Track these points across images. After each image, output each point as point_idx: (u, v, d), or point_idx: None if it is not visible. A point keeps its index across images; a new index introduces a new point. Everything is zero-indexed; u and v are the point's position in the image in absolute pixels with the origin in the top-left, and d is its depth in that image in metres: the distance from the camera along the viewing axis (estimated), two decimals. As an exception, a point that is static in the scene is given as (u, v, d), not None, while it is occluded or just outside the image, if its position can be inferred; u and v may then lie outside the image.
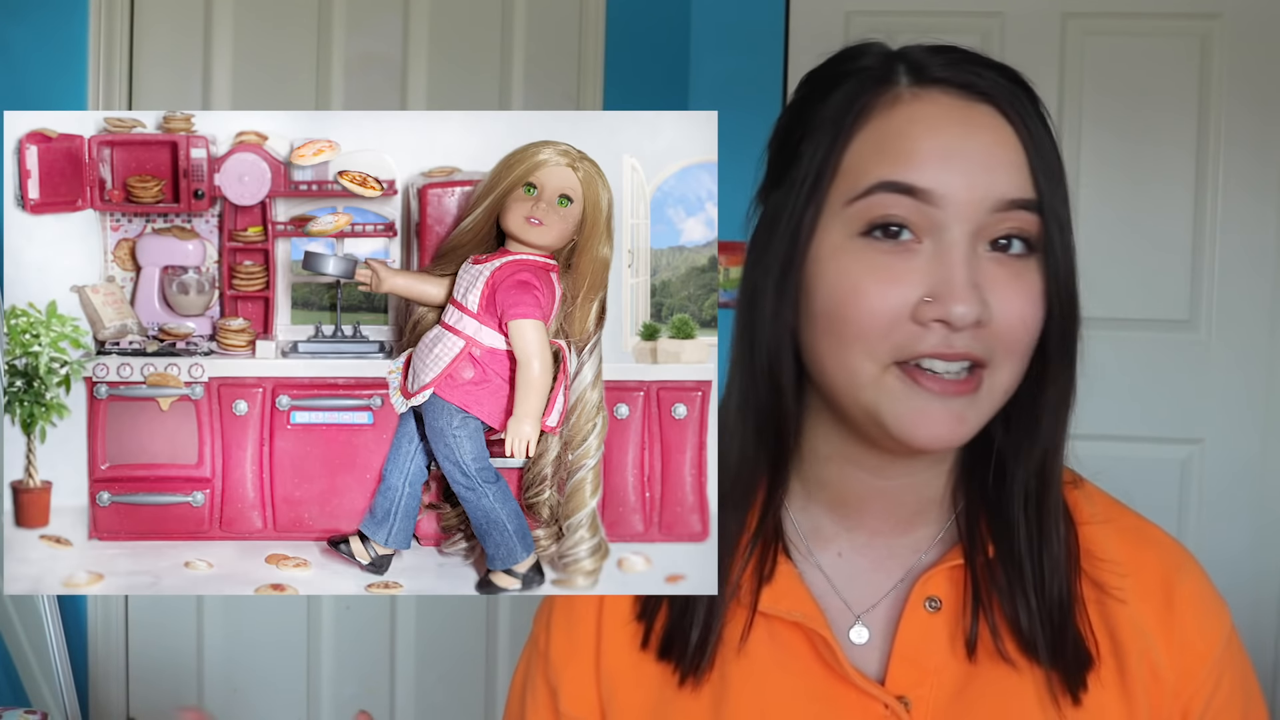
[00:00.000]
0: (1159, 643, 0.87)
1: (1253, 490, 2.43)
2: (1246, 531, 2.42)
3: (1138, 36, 2.41)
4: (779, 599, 0.89)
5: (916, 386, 0.81)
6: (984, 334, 0.81)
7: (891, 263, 0.81)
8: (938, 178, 0.80)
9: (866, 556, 0.91)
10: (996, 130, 0.82)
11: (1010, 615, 0.86)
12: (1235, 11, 2.39)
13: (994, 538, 0.88)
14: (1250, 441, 2.43)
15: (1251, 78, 2.39)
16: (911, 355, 0.81)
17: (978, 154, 0.81)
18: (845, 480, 0.90)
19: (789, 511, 0.92)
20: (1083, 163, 2.42)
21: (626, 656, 0.92)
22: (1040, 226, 0.82)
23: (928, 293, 0.80)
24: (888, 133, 0.83)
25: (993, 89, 0.83)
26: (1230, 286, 2.42)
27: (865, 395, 0.83)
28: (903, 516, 0.91)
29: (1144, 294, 2.43)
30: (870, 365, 0.82)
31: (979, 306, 0.80)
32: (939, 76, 0.83)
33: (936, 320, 0.80)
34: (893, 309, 0.81)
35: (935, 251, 0.81)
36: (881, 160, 0.82)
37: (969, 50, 0.85)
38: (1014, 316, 0.81)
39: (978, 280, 0.80)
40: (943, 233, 0.81)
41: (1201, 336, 2.43)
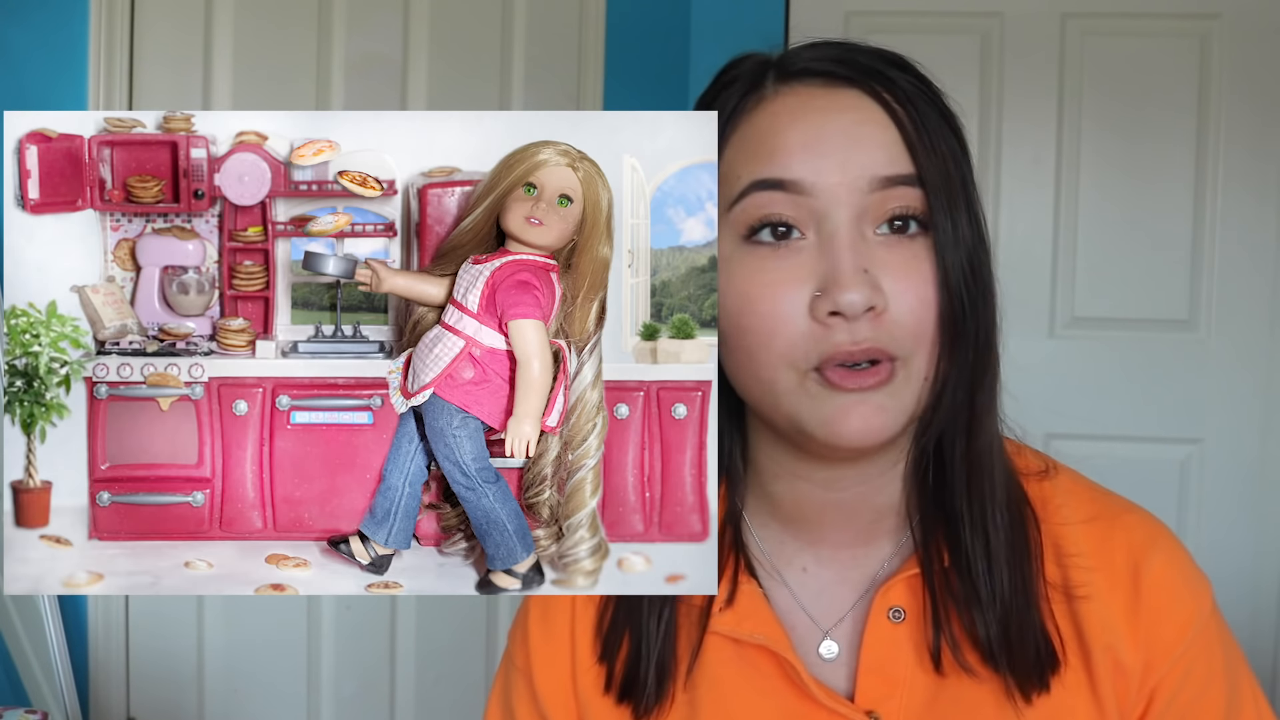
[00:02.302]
0: (1124, 634, 0.85)
1: (1253, 490, 2.43)
2: (1246, 531, 2.42)
3: (1138, 36, 2.41)
4: (742, 621, 0.88)
5: (832, 388, 0.79)
6: (884, 322, 0.78)
7: (778, 265, 0.79)
8: (805, 166, 0.79)
9: (831, 570, 0.90)
10: (862, 110, 0.80)
11: (967, 624, 0.84)
12: (1235, 11, 2.39)
13: (948, 543, 0.86)
14: (1250, 441, 2.43)
15: (1251, 78, 2.39)
16: (822, 358, 0.79)
17: (843, 136, 0.79)
18: (796, 495, 0.88)
19: (752, 530, 0.91)
20: (1083, 163, 2.42)
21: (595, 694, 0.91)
22: (924, 202, 0.79)
23: (817, 287, 0.78)
24: (753, 132, 0.82)
25: (857, 72, 0.81)
26: (1230, 286, 2.42)
27: (785, 404, 0.81)
28: (860, 527, 0.89)
29: (1144, 294, 2.43)
30: (787, 373, 0.80)
31: (868, 291, 0.77)
32: (800, 69, 0.82)
33: (832, 313, 0.78)
34: (787, 312, 0.79)
35: (819, 243, 0.79)
36: (750, 160, 0.81)
37: (843, 40, 0.84)
38: (912, 300, 0.79)
39: (866, 265, 0.78)
40: (824, 222, 0.79)
41: (1201, 336, 2.43)
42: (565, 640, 0.93)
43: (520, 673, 0.96)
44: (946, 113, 0.83)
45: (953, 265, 0.79)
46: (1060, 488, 0.90)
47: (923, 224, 0.79)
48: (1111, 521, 0.89)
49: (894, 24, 2.34)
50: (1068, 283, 2.43)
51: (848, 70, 0.81)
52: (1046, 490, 0.90)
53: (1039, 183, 2.42)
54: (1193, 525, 2.43)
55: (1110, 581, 0.86)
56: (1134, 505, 0.91)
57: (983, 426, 0.85)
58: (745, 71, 0.85)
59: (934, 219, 0.79)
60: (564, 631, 0.94)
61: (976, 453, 0.85)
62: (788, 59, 0.84)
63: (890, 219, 0.79)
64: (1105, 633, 0.86)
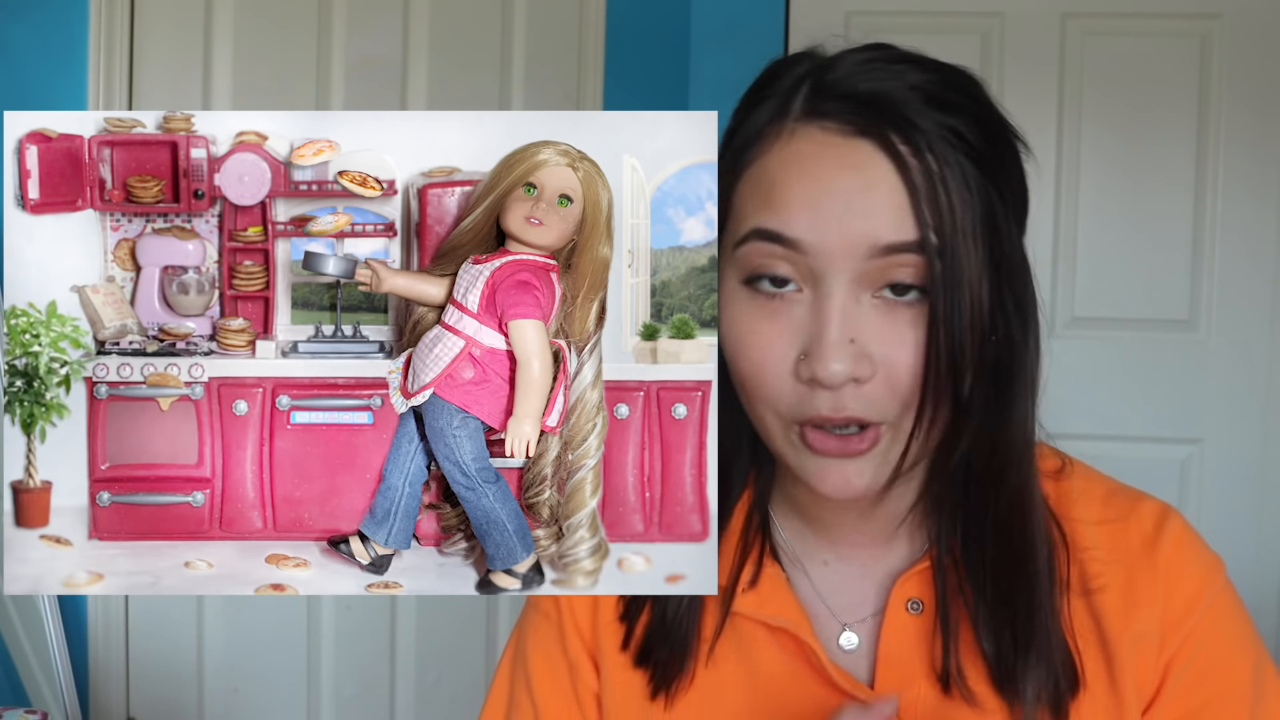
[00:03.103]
0: (1143, 605, 0.86)
1: (1253, 490, 2.43)
2: (1246, 531, 2.42)
3: (1138, 36, 2.41)
4: (764, 603, 0.88)
5: (809, 450, 0.79)
6: (869, 391, 0.77)
7: (771, 316, 0.79)
8: (806, 225, 0.77)
9: (852, 566, 0.91)
10: (871, 168, 0.76)
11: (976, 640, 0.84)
12: (1235, 11, 2.39)
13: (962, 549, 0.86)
14: (1250, 441, 2.43)
15: (1251, 78, 2.39)
16: (804, 418, 0.78)
17: (847, 198, 0.76)
18: (812, 497, 0.88)
19: (776, 523, 0.92)
20: (1083, 163, 2.42)
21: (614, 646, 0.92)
22: (927, 267, 0.76)
23: (803, 349, 0.78)
24: (765, 175, 0.80)
25: (878, 121, 0.77)
26: (1230, 286, 2.41)
27: (776, 445, 0.82)
28: (878, 530, 0.90)
29: (1144, 294, 2.43)
30: (774, 421, 0.81)
31: (852, 363, 0.76)
32: (824, 109, 0.79)
33: (811, 379, 0.77)
34: (774, 365, 0.79)
35: (813, 303, 0.78)
36: (757, 204, 0.79)
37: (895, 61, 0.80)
38: (900, 369, 0.77)
39: (855, 334, 0.77)
40: (819, 282, 0.77)
41: (1201, 336, 2.43)
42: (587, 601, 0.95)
43: (545, 617, 0.96)
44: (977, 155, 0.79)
45: (952, 329, 0.77)
46: (1075, 487, 0.91)
47: (923, 289, 0.77)
48: (1126, 517, 0.90)
49: (894, 24, 2.34)
50: (1068, 283, 2.43)
51: (864, 120, 0.77)
52: (1063, 488, 0.90)
53: (1039, 183, 2.42)
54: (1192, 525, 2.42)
55: (1127, 567, 0.87)
56: (1145, 494, 0.92)
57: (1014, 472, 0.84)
58: (780, 90, 0.81)
59: (934, 284, 0.76)
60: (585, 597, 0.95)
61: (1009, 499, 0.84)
62: (824, 84, 0.80)
63: (889, 285, 0.77)
64: (1124, 614, 0.86)
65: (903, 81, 0.79)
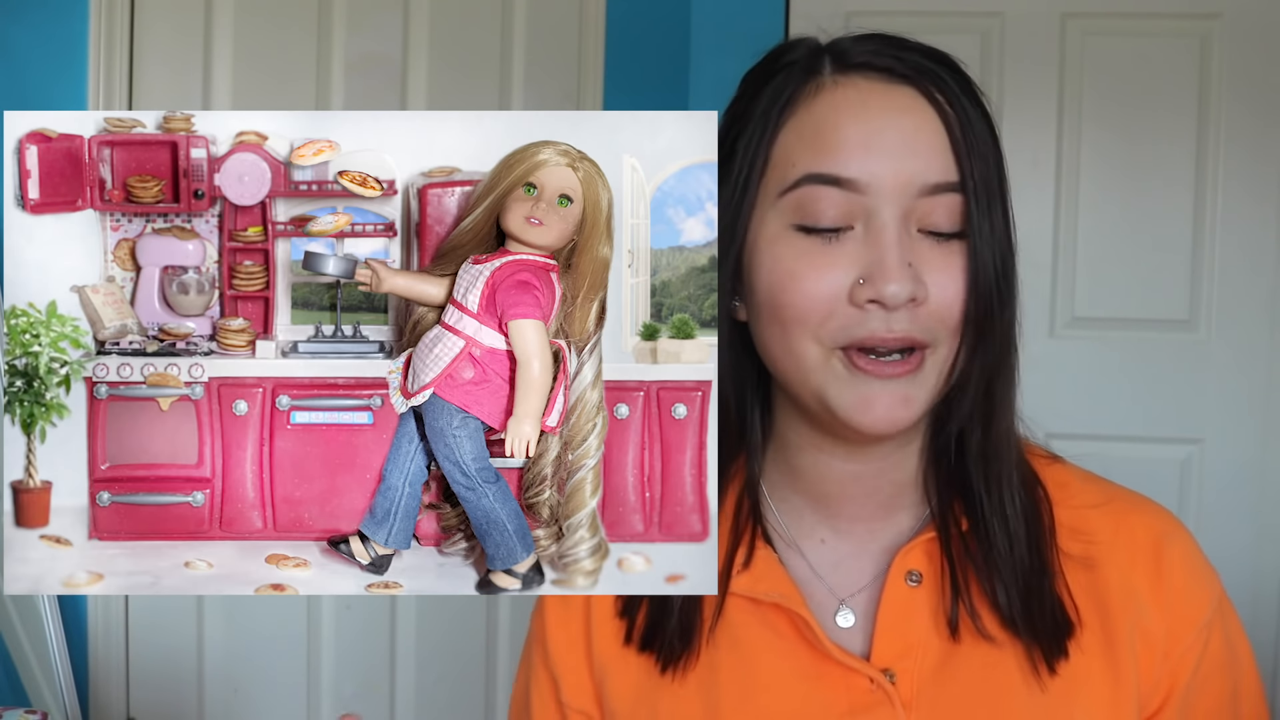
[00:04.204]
0: (1148, 601, 0.88)
1: (1253, 490, 2.43)
2: (1246, 531, 2.42)
3: (1138, 36, 2.41)
4: (758, 581, 0.90)
5: (859, 372, 0.83)
6: (921, 313, 0.82)
7: (825, 248, 0.83)
8: (862, 166, 0.82)
9: (849, 542, 0.92)
10: (918, 113, 0.83)
11: (988, 591, 0.87)
12: (1235, 11, 2.39)
13: (966, 513, 0.89)
14: (1250, 441, 2.43)
15: (1251, 78, 2.39)
16: (852, 341, 0.82)
17: (900, 139, 0.82)
18: (819, 468, 0.91)
19: (770, 502, 0.93)
20: (1083, 162, 2.42)
21: (613, 647, 0.93)
22: (964, 207, 0.83)
23: (861, 274, 0.82)
24: (811, 122, 0.84)
25: (914, 71, 0.84)
26: (1230, 286, 2.41)
27: (813, 380, 0.84)
28: (880, 501, 0.92)
29: (1144, 294, 2.43)
30: (815, 349, 0.83)
31: (912, 284, 0.81)
32: (860, 61, 0.85)
33: (872, 301, 0.81)
34: (829, 292, 0.82)
35: (866, 235, 0.82)
36: (807, 150, 0.83)
37: (895, 35, 0.87)
38: (949, 294, 0.83)
39: (911, 259, 0.82)
40: (872, 217, 0.82)
41: (1201, 336, 2.43)
42: (580, 603, 0.96)
43: (537, 642, 0.98)
44: (986, 114, 0.86)
45: (984, 266, 0.83)
46: (1073, 474, 0.94)
47: (959, 225, 0.83)
48: (1127, 506, 0.92)
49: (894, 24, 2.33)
50: (1068, 283, 2.43)
51: (904, 68, 0.84)
52: (1060, 475, 0.93)
53: (1039, 183, 2.42)
54: (1193, 525, 2.38)
55: (1131, 555, 0.90)
56: (1144, 496, 0.94)
57: (1000, 417, 0.89)
58: (801, 56, 0.87)
59: (972, 223, 0.83)
60: (580, 600, 0.96)
61: (994, 442, 0.89)
62: (843, 49, 0.86)
63: (933, 222, 0.83)
64: (1128, 600, 0.88)
65: (913, 49, 0.86)
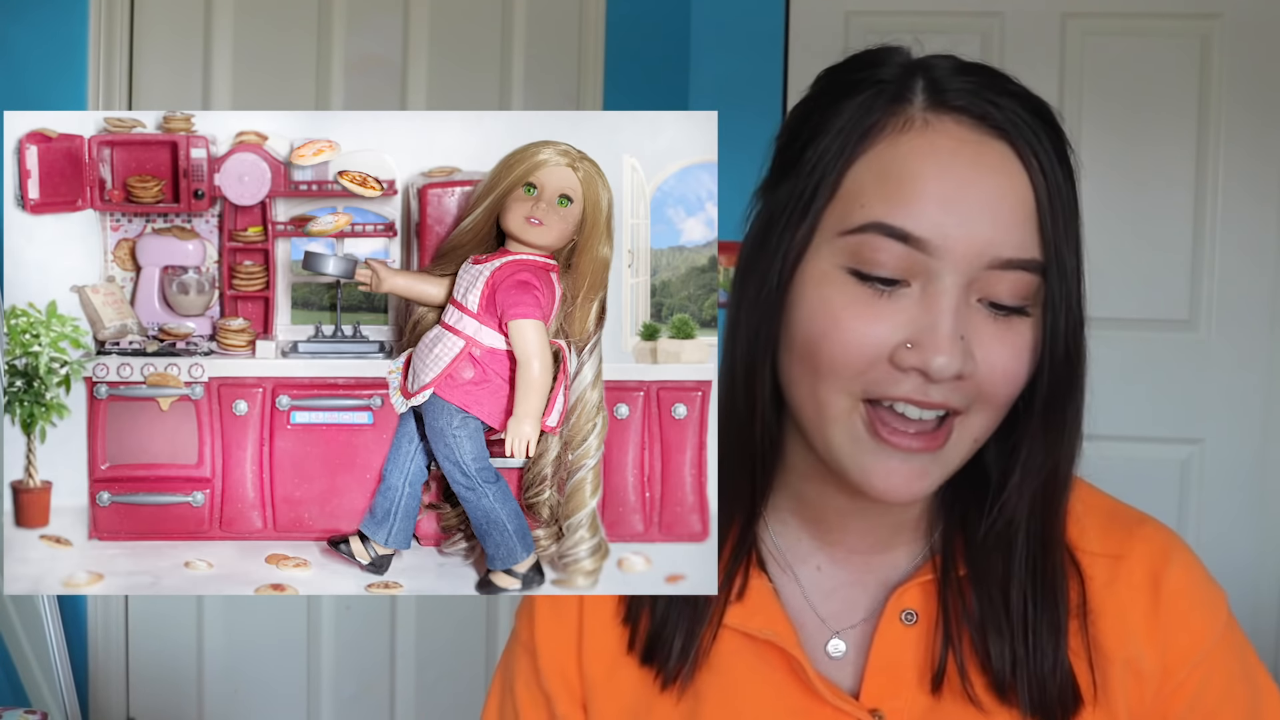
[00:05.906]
0: (1143, 640, 0.85)
1: (1253, 490, 2.44)
2: (1246, 531, 2.43)
3: (1138, 36, 2.41)
4: (751, 616, 0.88)
5: (881, 442, 0.78)
6: (964, 385, 0.77)
7: (875, 300, 0.77)
8: (936, 227, 0.75)
9: (845, 571, 0.90)
10: (1008, 175, 0.76)
11: (979, 645, 0.83)
12: (1235, 11, 2.39)
13: (967, 561, 0.85)
14: (1250, 441, 2.43)
15: (1251, 78, 2.39)
16: (883, 396, 0.77)
17: (982, 201, 0.75)
18: (823, 497, 0.88)
19: (769, 526, 0.91)
20: (1082, 162, 2.41)
21: (606, 658, 0.91)
22: (1038, 286, 0.77)
23: (909, 338, 0.76)
24: (891, 162, 0.77)
25: (1010, 123, 0.76)
26: (1230, 286, 2.42)
27: (831, 433, 0.80)
28: (881, 536, 0.89)
29: (1144, 294, 2.43)
30: (841, 399, 0.79)
31: (961, 360, 0.76)
32: (957, 105, 0.77)
33: (914, 368, 0.76)
34: (871, 348, 0.77)
35: (923, 296, 0.77)
36: (879, 193, 0.77)
37: (996, 72, 0.80)
38: (997, 370, 0.77)
39: (964, 332, 0.76)
40: (934, 280, 0.76)
41: (1201, 336, 2.43)
42: (573, 614, 0.93)
43: (524, 647, 0.95)
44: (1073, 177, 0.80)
45: (1053, 343, 0.78)
46: (1074, 511, 0.89)
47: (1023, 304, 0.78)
48: (1130, 529, 0.88)
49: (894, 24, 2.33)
50: (1068, 283, 2.43)
51: (1001, 118, 0.77)
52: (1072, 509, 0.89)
53: (1039, 183, 2.42)
54: (1193, 525, 2.43)
55: (1130, 594, 0.86)
56: (1147, 516, 0.90)
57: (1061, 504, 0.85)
58: (891, 76, 0.80)
59: (1046, 305, 0.78)
60: (572, 605, 0.93)
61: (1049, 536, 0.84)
62: (940, 80, 0.78)
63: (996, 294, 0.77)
64: (1124, 645, 0.85)
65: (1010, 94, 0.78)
